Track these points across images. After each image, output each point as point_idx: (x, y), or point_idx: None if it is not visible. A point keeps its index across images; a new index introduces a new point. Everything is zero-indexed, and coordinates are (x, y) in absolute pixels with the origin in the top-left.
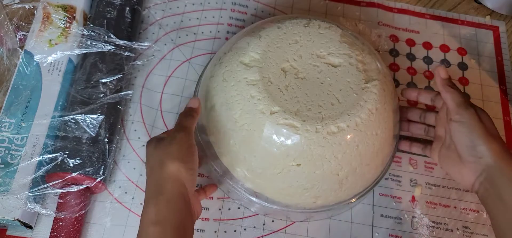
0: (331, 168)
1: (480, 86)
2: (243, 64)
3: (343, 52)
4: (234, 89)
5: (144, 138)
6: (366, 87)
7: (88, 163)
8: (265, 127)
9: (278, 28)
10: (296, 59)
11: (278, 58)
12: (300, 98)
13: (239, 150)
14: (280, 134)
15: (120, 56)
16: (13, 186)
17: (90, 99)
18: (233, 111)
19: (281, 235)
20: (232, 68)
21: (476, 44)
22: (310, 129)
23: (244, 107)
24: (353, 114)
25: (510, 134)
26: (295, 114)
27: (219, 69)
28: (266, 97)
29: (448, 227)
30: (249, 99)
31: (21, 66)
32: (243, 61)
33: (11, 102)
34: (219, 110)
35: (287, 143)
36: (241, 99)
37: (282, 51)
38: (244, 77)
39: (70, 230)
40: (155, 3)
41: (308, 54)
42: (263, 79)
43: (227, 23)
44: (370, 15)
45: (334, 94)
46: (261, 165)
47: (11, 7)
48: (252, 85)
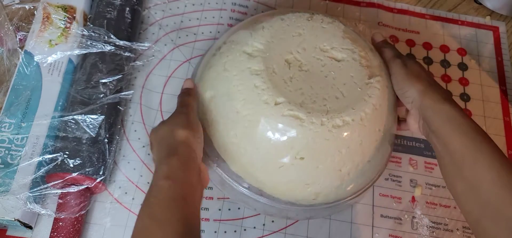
0: (334, 163)
1: (480, 87)
2: (246, 53)
3: (346, 47)
4: (236, 79)
5: (144, 138)
6: (369, 82)
7: (88, 163)
8: (269, 118)
9: (282, 20)
10: (300, 51)
11: (282, 49)
12: (304, 90)
13: (239, 142)
14: (285, 126)
15: (120, 56)
16: (13, 186)
17: (90, 100)
18: (235, 101)
19: (281, 236)
20: (235, 57)
21: (476, 45)
22: (315, 121)
23: (247, 97)
24: (358, 108)
25: (510, 134)
26: (300, 105)
27: (219, 59)
28: (271, 87)
29: (448, 228)
30: (253, 89)
31: (21, 67)
32: (246, 50)
33: (11, 102)
34: (220, 100)
35: (291, 135)
36: (244, 89)
37: (286, 43)
38: (247, 66)
39: (70, 230)
40: (155, 4)
41: (311, 47)
42: (267, 69)
43: (227, 23)
44: (370, 15)
45: (338, 88)
46: (263, 157)
47: (11, 7)
48: (256, 75)
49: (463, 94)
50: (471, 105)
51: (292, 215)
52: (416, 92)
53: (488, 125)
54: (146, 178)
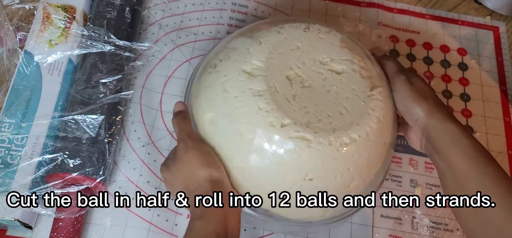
0: (343, 180)
1: (481, 87)
2: (246, 73)
3: (345, 58)
4: (238, 101)
5: (144, 138)
6: (371, 94)
7: (88, 163)
8: (276, 141)
9: (278, 33)
10: (300, 66)
11: (282, 65)
12: (309, 108)
13: (245, 167)
14: (293, 148)
15: (120, 56)
16: (13, 187)
17: (90, 100)
18: (238, 124)
19: (281, 236)
20: (233, 76)
21: (477, 45)
22: (323, 141)
23: (251, 120)
24: (363, 123)
25: (510, 134)
26: (307, 125)
27: (217, 78)
28: (275, 109)
29: (448, 228)
30: (257, 111)
31: (21, 67)
32: (246, 69)
33: (11, 102)
34: (221, 123)
35: (299, 157)
36: (247, 111)
37: (285, 57)
38: (248, 87)
39: (70, 231)
40: (155, 4)
41: (311, 61)
42: (270, 88)
43: (227, 23)
44: (370, 15)
45: (342, 103)
46: (271, 182)
47: (11, 7)
48: (258, 96)
49: (463, 94)
50: (471, 105)
51: (299, 231)
52: (422, 111)
53: (488, 125)
54: (146, 177)
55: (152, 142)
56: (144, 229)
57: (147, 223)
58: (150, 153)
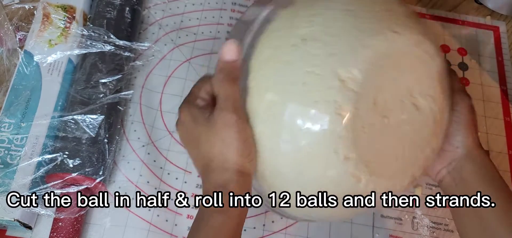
0: None
1: (481, 87)
2: (340, 80)
3: (432, 93)
4: (316, 105)
5: (144, 138)
6: (433, 149)
7: (88, 163)
8: (331, 172)
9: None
10: (392, 90)
11: (379, 84)
12: (377, 146)
13: (289, 173)
14: (342, 184)
15: (120, 56)
16: (12, 187)
17: (90, 99)
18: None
19: (281, 236)
20: (324, 76)
21: (477, 45)
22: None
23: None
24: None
25: (510, 134)
26: (366, 166)
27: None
28: (350, 137)
29: (448, 228)
30: (328, 131)
31: (20, 66)
32: (341, 76)
33: (10, 102)
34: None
35: (342, 193)
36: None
37: (383, 77)
38: (334, 99)
39: (69, 231)
40: (155, 3)
41: (404, 87)
42: (355, 111)
43: (227, 23)
44: None
45: (404, 146)
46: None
47: (11, 7)
48: (338, 114)
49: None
50: None
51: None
52: (471, 141)
53: (489, 125)
54: (146, 178)
55: (152, 142)
56: (144, 229)
57: (147, 223)
58: (150, 153)
